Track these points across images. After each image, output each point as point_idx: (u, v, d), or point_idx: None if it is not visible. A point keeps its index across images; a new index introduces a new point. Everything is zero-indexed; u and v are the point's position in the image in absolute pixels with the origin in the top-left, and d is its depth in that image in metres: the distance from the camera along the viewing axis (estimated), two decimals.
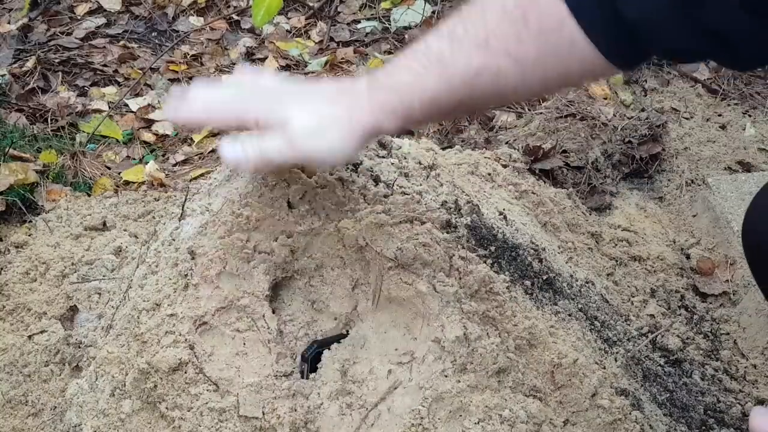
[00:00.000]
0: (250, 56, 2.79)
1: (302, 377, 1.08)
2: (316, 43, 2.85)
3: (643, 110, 2.21)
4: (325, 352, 1.09)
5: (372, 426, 1.04)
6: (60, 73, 2.65)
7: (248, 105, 0.95)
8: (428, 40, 0.89)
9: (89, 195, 2.11)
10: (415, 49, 0.90)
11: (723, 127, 2.24)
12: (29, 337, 1.59)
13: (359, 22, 2.95)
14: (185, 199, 1.33)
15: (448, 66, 0.86)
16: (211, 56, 2.77)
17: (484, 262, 1.21)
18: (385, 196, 1.16)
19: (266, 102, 0.94)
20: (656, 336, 1.56)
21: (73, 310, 1.62)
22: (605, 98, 2.28)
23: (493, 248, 1.27)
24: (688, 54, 0.84)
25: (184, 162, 2.32)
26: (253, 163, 0.93)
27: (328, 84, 0.96)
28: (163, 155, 2.36)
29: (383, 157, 1.29)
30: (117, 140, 2.37)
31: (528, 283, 1.31)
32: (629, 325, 1.56)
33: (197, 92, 0.99)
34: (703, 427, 1.42)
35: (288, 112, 0.91)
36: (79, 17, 2.92)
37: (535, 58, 0.84)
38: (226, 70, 2.71)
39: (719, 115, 2.32)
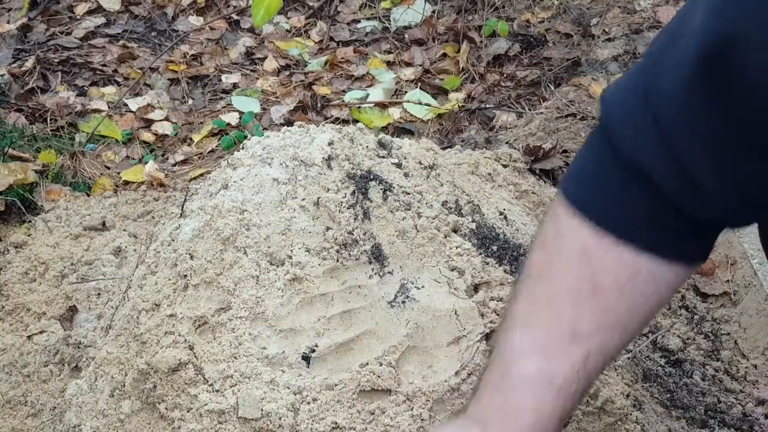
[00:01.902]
0: (249, 56, 2.79)
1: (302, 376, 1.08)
2: (316, 42, 2.85)
3: None
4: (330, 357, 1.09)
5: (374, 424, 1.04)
6: (59, 72, 2.65)
7: None
8: (518, 363, 0.79)
9: (88, 195, 2.11)
10: (509, 378, 0.80)
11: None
12: (29, 337, 1.59)
13: (359, 21, 2.94)
14: (185, 199, 1.32)
15: (555, 379, 0.78)
16: (210, 56, 2.77)
17: (487, 263, 1.21)
18: None
19: None
20: (657, 336, 1.56)
21: (73, 310, 1.62)
22: None
23: (495, 248, 1.27)
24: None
25: (184, 162, 2.32)
26: None
27: None
28: (163, 155, 2.35)
29: (383, 157, 1.29)
30: (116, 140, 2.37)
31: None
32: None
33: None
34: (704, 428, 1.42)
35: None
36: (78, 17, 2.92)
37: (627, 312, 0.78)
38: (226, 69, 2.71)
39: None
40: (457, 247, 1.19)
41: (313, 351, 1.08)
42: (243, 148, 1.32)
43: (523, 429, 0.79)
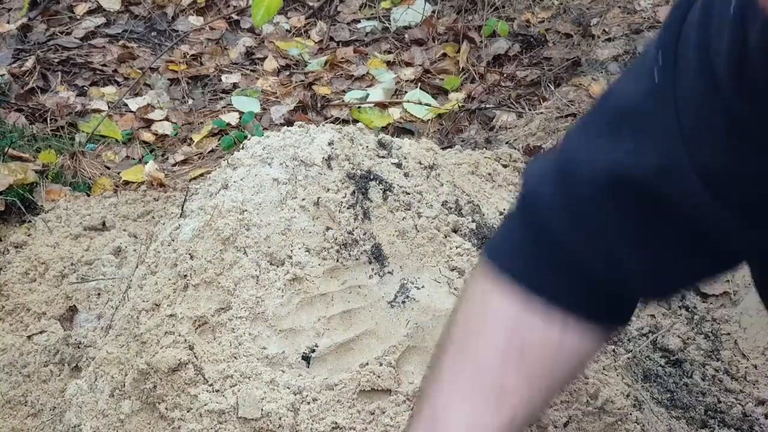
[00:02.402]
0: (249, 56, 2.79)
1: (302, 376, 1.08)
2: (315, 42, 2.85)
3: None
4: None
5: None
6: (59, 72, 2.65)
7: None
8: (447, 423, 0.78)
9: (88, 195, 2.11)
10: None
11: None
12: (29, 337, 1.59)
13: (359, 21, 2.94)
14: (185, 199, 1.32)
15: None
16: (210, 56, 2.77)
17: None
18: None
19: None
20: (657, 336, 1.56)
21: (73, 310, 1.62)
22: None
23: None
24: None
25: (184, 162, 2.32)
26: None
27: None
28: (163, 155, 2.35)
29: (383, 157, 1.29)
30: (116, 140, 2.37)
31: None
32: (630, 325, 1.56)
33: None
34: (704, 428, 1.42)
35: None
36: (78, 17, 2.92)
37: (550, 375, 0.79)
38: (226, 69, 2.71)
39: None
40: (457, 247, 1.19)
41: (313, 351, 1.08)
42: (243, 148, 1.32)
43: None
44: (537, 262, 0.77)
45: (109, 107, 2.48)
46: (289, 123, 2.25)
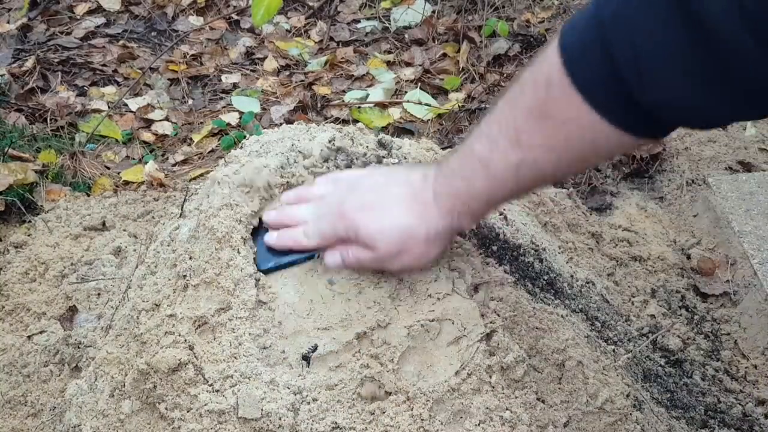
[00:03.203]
0: (249, 56, 2.79)
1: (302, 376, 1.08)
2: (315, 42, 2.85)
3: None
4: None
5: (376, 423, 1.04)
6: (59, 72, 2.65)
7: (337, 231, 1.09)
8: (471, 142, 0.99)
9: (88, 195, 2.11)
10: (462, 152, 1.01)
11: (723, 126, 2.24)
12: (28, 337, 1.59)
13: (359, 21, 2.94)
14: (184, 200, 1.32)
15: (490, 167, 0.96)
16: (210, 56, 2.77)
17: (487, 263, 1.21)
18: None
19: (349, 228, 1.07)
20: (657, 336, 1.56)
21: (73, 310, 1.62)
22: None
23: (495, 248, 1.27)
24: (717, 124, 0.90)
25: (184, 162, 2.32)
26: (350, 268, 1.11)
27: (397, 189, 1.07)
28: (163, 155, 2.35)
29: (383, 156, 1.29)
30: (116, 140, 2.37)
31: (529, 283, 1.31)
32: (630, 325, 1.56)
33: (291, 214, 1.15)
34: (704, 428, 1.42)
35: (370, 237, 1.06)
36: (78, 17, 2.92)
37: (564, 146, 0.90)
38: (226, 69, 2.71)
39: None
40: (457, 248, 1.19)
41: (314, 351, 1.08)
42: (241, 147, 1.32)
43: (453, 191, 1.01)
44: (593, 67, 0.83)
45: (109, 107, 2.48)
46: (289, 123, 2.24)
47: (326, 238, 1.11)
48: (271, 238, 1.15)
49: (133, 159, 2.32)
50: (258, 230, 1.19)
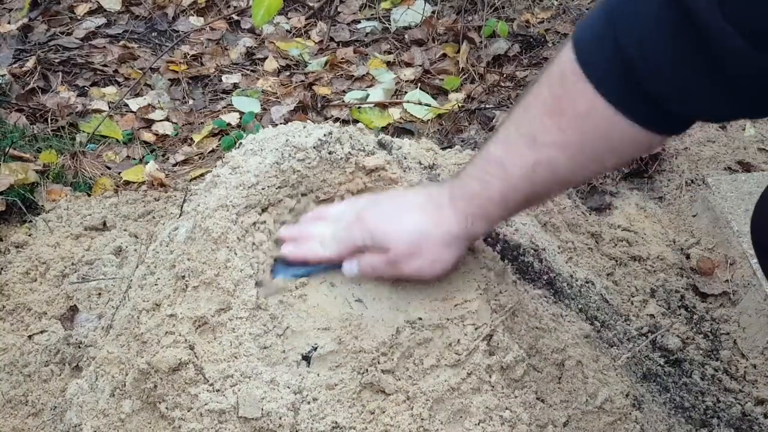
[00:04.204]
0: (250, 56, 2.80)
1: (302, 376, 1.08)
2: (316, 43, 2.85)
3: None
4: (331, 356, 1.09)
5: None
6: (60, 73, 2.65)
7: (353, 237, 1.09)
8: (488, 146, 0.99)
9: (89, 195, 2.11)
10: (479, 157, 1.00)
11: (723, 126, 2.24)
12: (29, 337, 1.59)
13: (359, 22, 2.95)
14: (184, 200, 1.33)
15: (506, 168, 0.95)
16: (211, 56, 2.78)
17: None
18: None
19: (365, 232, 1.07)
20: (656, 336, 1.56)
21: (73, 310, 1.62)
22: None
23: (498, 248, 1.27)
24: (728, 117, 0.88)
25: (184, 162, 2.32)
26: (367, 278, 1.11)
27: (413, 197, 1.08)
28: (163, 155, 2.36)
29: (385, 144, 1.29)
30: (117, 140, 2.37)
31: (529, 283, 1.31)
32: (629, 325, 1.56)
33: (308, 230, 1.14)
34: (704, 427, 1.42)
35: (385, 240, 1.05)
36: (79, 17, 2.92)
37: (579, 143, 0.90)
38: (226, 70, 2.71)
39: None
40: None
41: (314, 351, 1.08)
42: (239, 146, 1.32)
43: (468, 193, 1.00)
44: (604, 58, 0.84)
45: (109, 107, 2.49)
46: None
47: (343, 244, 1.10)
48: (288, 249, 1.15)
49: (134, 159, 2.32)
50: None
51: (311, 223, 1.16)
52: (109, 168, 2.26)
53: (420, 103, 2.47)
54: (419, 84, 2.59)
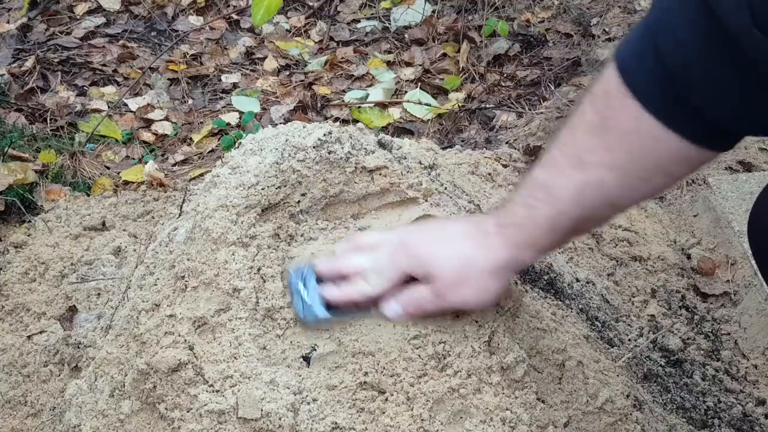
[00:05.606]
0: (249, 56, 2.79)
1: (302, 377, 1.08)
2: (315, 42, 2.85)
3: None
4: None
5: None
6: (59, 72, 2.65)
7: (399, 264, 1.03)
8: (534, 172, 0.96)
9: (88, 195, 2.11)
10: (525, 183, 0.97)
11: None
12: (28, 337, 1.59)
13: (359, 21, 2.94)
14: (183, 200, 1.32)
15: (553, 191, 0.92)
16: (210, 56, 2.77)
17: None
18: None
19: (411, 258, 1.02)
20: (657, 336, 1.56)
21: (73, 310, 1.62)
22: None
23: None
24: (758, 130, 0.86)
25: (184, 162, 2.32)
26: (411, 317, 1.05)
27: (457, 225, 1.05)
28: (163, 155, 2.35)
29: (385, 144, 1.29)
30: (116, 140, 2.37)
31: (529, 283, 1.31)
32: (630, 325, 1.56)
33: (349, 264, 1.07)
34: (704, 428, 1.42)
35: (431, 264, 1.00)
36: (78, 17, 2.92)
37: (627, 161, 0.87)
38: (226, 69, 2.71)
39: None
40: None
41: (314, 351, 1.08)
42: (239, 146, 1.32)
43: (515, 220, 0.96)
44: (647, 72, 0.82)
45: (108, 107, 2.48)
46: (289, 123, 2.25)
47: (388, 277, 1.04)
48: (331, 293, 1.08)
49: (133, 159, 2.31)
50: (297, 271, 1.11)
51: (348, 256, 1.09)
52: (109, 168, 2.26)
53: (420, 103, 2.47)
54: (419, 83, 2.58)
